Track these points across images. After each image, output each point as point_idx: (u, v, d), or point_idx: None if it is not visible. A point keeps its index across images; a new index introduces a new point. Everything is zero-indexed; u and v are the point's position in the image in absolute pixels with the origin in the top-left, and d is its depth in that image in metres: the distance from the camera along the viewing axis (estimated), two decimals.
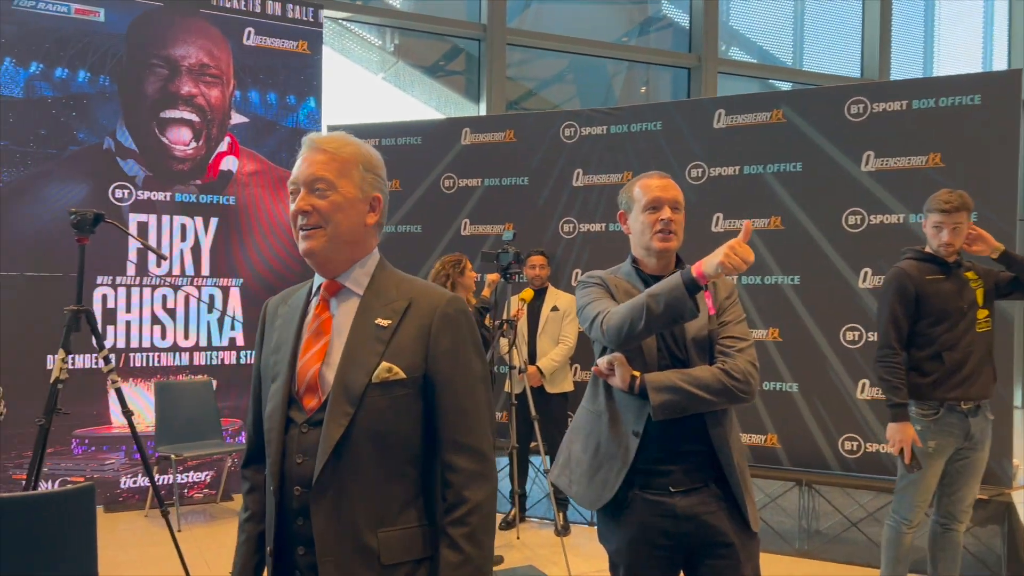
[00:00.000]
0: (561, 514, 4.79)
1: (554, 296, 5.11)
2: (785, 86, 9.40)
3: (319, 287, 1.58)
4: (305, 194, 1.50)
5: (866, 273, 4.63)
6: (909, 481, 3.29)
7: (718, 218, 4.99)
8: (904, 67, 10.02)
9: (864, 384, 4.60)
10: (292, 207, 1.52)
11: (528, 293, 4.87)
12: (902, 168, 4.58)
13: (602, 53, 8.87)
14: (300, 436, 1.50)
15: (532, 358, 5.00)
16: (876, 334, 4.54)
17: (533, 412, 4.50)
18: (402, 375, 1.47)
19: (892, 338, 3.26)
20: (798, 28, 9.90)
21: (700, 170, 5.07)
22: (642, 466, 2.09)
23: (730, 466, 2.08)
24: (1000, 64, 10.56)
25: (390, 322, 1.50)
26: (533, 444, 4.77)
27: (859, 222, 4.67)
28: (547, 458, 4.52)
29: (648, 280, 2.19)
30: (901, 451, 3.21)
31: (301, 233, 1.52)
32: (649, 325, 1.97)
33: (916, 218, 4.52)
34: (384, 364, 1.47)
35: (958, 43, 10.65)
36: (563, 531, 4.71)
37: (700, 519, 2.07)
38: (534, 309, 5.07)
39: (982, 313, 3.28)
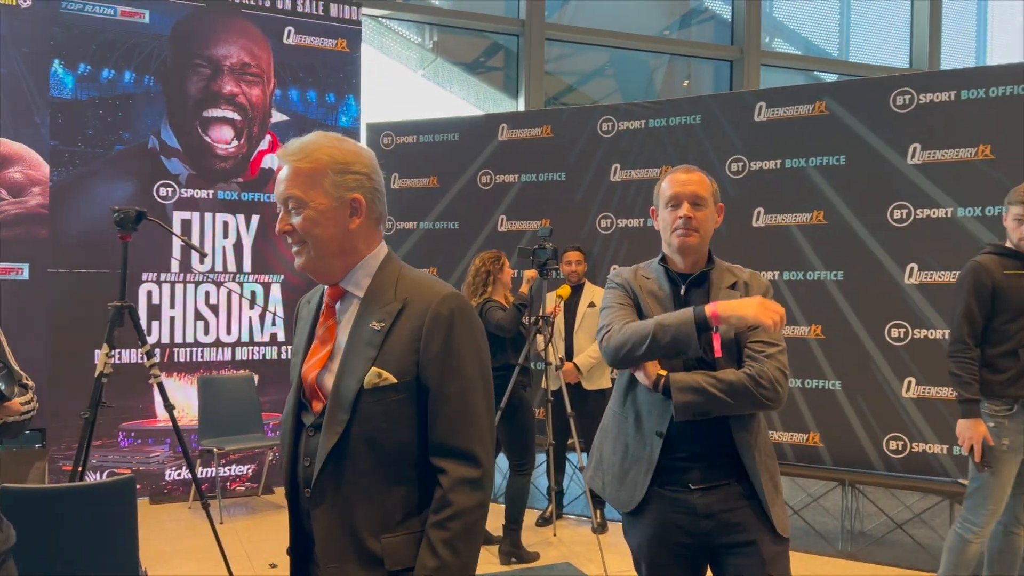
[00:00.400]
0: (598, 511, 4.77)
1: (591, 292, 5.08)
2: (830, 78, 9.20)
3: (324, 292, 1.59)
4: (283, 214, 1.50)
5: (912, 268, 4.51)
6: (981, 482, 3.15)
7: (759, 213, 4.90)
8: (955, 57, 9.72)
9: (910, 382, 4.49)
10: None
11: (565, 289, 4.84)
12: (950, 160, 4.44)
13: (642, 47, 8.78)
14: (308, 439, 1.51)
15: (569, 355, 4.99)
16: (922, 331, 4.46)
17: (569, 409, 4.49)
18: (393, 380, 1.44)
19: (965, 333, 3.15)
20: (844, 18, 9.68)
21: (740, 164, 4.99)
22: (664, 463, 2.07)
23: (754, 470, 2.04)
24: None
25: (383, 325, 1.47)
26: (570, 441, 4.75)
27: (905, 216, 4.55)
28: (584, 455, 4.50)
29: (675, 278, 2.16)
30: (971, 449, 3.11)
31: (292, 250, 1.53)
32: (651, 352, 1.97)
33: (964, 212, 4.39)
34: (374, 370, 1.44)
35: (1012, 32, 10.30)
36: (600, 528, 4.68)
37: (720, 516, 2.04)
38: (571, 305, 5.04)
39: None
